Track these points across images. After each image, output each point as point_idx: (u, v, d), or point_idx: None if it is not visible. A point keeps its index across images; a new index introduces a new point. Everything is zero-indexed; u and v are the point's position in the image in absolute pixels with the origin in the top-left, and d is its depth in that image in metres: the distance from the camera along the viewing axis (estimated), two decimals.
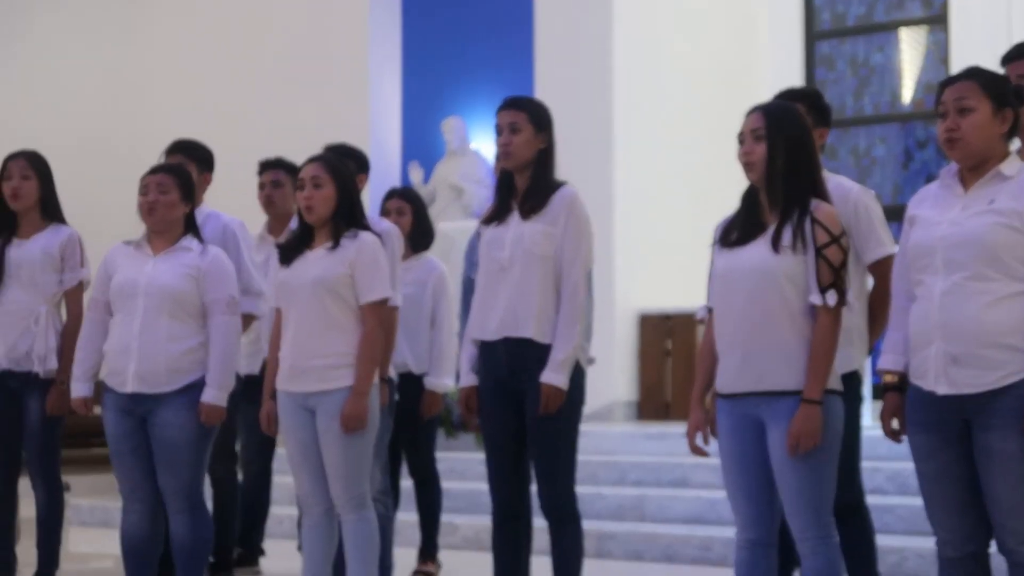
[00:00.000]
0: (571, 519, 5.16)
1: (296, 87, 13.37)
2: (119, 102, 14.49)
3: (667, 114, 11.62)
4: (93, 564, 8.21)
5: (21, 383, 6.04)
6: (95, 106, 14.61)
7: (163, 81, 14.33)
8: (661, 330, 11.30)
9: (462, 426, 9.31)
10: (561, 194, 5.17)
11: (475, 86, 12.76)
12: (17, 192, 6.10)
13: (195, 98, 13.93)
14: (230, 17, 13.88)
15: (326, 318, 5.26)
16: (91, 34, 14.90)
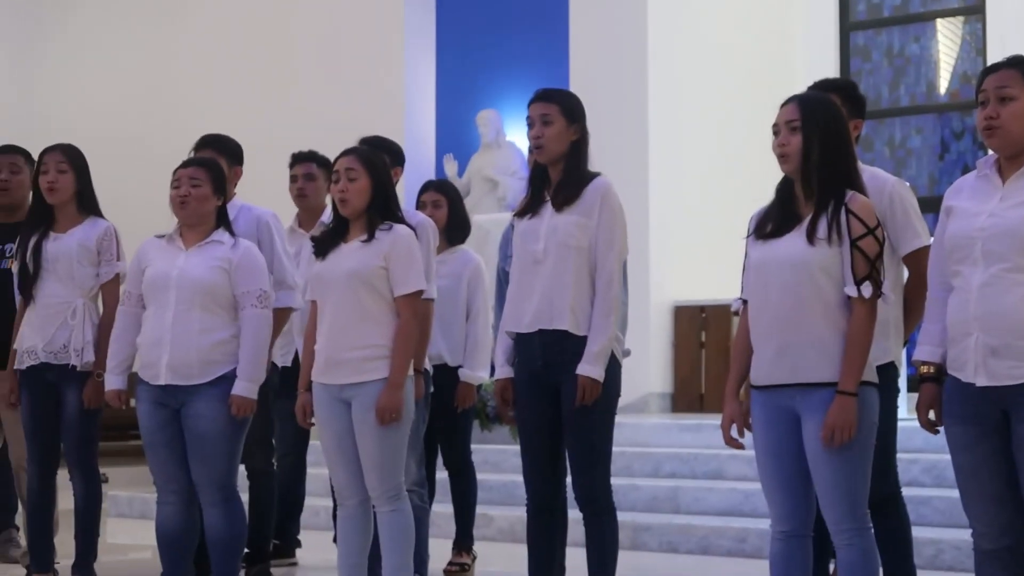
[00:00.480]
0: (606, 511, 5.16)
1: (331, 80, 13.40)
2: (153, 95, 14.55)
3: (702, 105, 11.59)
4: (131, 555, 8.26)
5: (58, 376, 6.08)
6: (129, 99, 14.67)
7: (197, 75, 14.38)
8: (696, 322, 11.29)
9: (497, 418, 9.32)
10: (595, 185, 5.16)
11: (510, 78, 12.75)
12: (53, 185, 6.12)
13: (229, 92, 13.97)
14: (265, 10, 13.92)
15: (361, 310, 5.28)
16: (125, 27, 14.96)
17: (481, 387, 7.01)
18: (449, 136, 13.27)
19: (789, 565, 4.40)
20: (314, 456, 7.33)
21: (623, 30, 11.47)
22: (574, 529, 5.31)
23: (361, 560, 5.41)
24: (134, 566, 7.60)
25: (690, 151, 11.47)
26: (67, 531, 6.29)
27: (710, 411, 10.73)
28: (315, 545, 7.49)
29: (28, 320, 6.12)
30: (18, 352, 6.14)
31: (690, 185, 11.42)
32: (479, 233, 10.32)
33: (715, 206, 11.32)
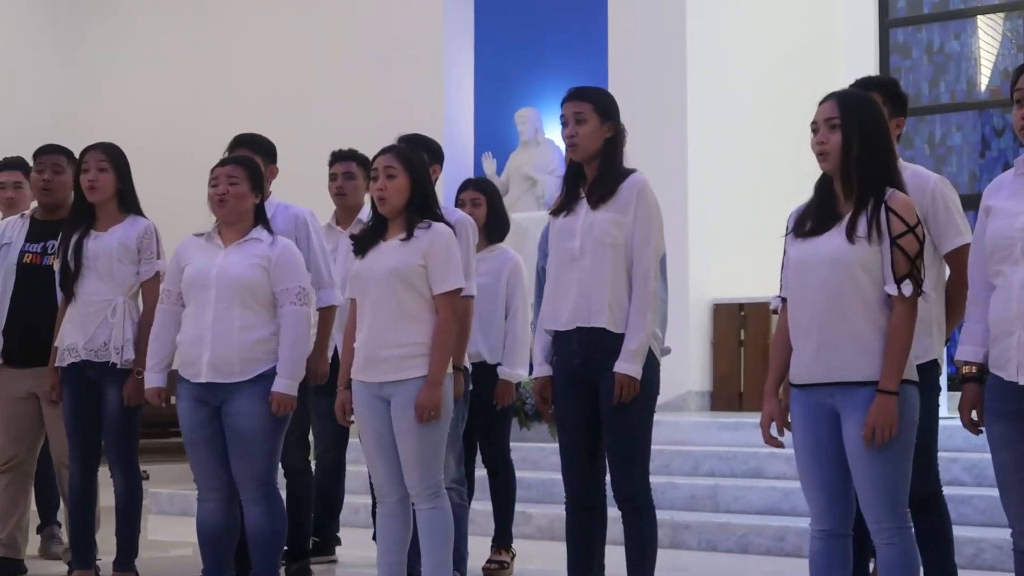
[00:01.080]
0: (645, 509, 5.16)
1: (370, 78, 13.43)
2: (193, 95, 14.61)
3: (741, 102, 11.56)
4: (172, 552, 8.31)
5: (99, 373, 6.11)
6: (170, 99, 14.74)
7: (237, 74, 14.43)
8: (735, 320, 11.26)
9: (536, 416, 9.32)
10: (630, 182, 5.15)
11: (548, 76, 12.75)
12: (94, 184, 6.16)
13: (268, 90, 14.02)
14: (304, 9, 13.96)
15: (400, 308, 5.29)
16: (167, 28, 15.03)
17: (520, 385, 7.01)
18: (488, 134, 13.28)
19: (829, 564, 4.39)
20: (353, 454, 7.35)
21: (662, 27, 11.45)
22: (613, 527, 5.31)
23: (400, 558, 5.42)
24: (175, 563, 7.64)
25: (729, 148, 11.43)
26: (109, 528, 6.32)
27: (749, 409, 10.71)
28: (355, 542, 7.51)
29: (69, 318, 6.15)
30: (59, 349, 6.18)
31: (729, 182, 11.39)
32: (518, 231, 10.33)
33: (754, 203, 11.28)
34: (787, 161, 10.93)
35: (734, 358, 11.23)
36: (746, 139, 11.52)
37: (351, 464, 7.44)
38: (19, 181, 7.47)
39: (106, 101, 14.93)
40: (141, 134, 12.89)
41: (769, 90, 11.71)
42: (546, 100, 12.61)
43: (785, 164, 11.01)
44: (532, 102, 12.91)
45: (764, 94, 11.68)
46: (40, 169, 6.71)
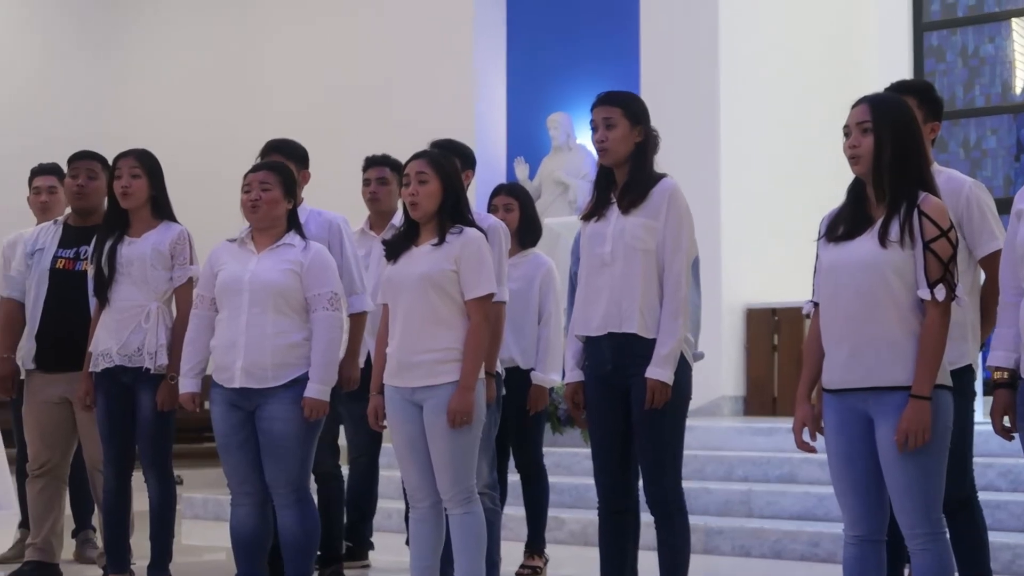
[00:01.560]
0: (678, 514, 5.14)
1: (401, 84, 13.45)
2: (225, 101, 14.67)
3: (774, 106, 11.54)
4: (206, 556, 8.34)
5: (133, 378, 6.13)
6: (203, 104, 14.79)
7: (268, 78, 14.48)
8: (768, 324, 11.23)
9: (568, 421, 9.31)
10: (661, 187, 5.14)
11: (580, 81, 12.75)
12: (127, 190, 6.18)
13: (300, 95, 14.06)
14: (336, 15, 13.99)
15: (432, 314, 5.29)
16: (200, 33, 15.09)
17: (553, 390, 7.00)
18: (520, 139, 13.28)
19: (863, 570, 4.37)
20: (386, 459, 7.36)
21: (694, 31, 11.44)
22: (646, 532, 5.30)
23: (433, 562, 5.42)
24: (209, 567, 7.66)
25: (761, 152, 11.41)
26: (143, 532, 6.34)
27: (783, 414, 10.68)
28: (388, 547, 7.52)
29: (103, 323, 6.18)
30: (93, 355, 6.20)
31: (761, 186, 11.37)
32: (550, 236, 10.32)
33: (787, 207, 11.26)
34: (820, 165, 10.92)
35: (767, 363, 11.20)
36: (778, 143, 11.49)
37: (384, 469, 7.45)
38: (53, 186, 7.51)
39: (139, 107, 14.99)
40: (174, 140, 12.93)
41: (802, 94, 11.68)
42: (578, 105, 12.59)
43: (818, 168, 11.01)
44: (564, 107, 12.91)
45: (797, 98, 11.66)
46: (74, 175, 6.74)
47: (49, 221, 6.93)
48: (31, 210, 7.67)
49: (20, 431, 7.09)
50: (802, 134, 11.52)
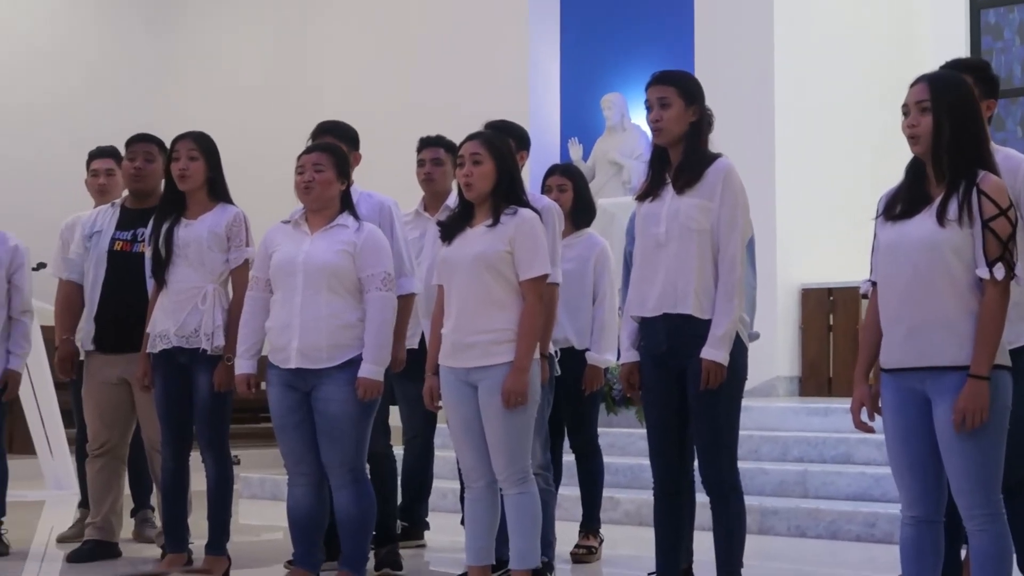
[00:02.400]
0: (733, 494, 5.13)
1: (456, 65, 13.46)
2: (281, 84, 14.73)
3: (829, 85, 11.46)
4: (263, 536, 8.40)
5: (190, 359, 6.17)
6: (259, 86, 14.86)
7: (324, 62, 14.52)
8: (823, 305, 11.19)
9: (623, 401, 9.31)
10: (716, 167, 5.11)
11: (634, 61, 12.71)
12: (185, 173, 6.21)
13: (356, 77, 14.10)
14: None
15: (487, 295, 5.30)
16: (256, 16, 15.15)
17: (608, 370, 7.00)
18: (574, 120, 13.27)
19: (920, 551, 4.35)
20: (441, 439, 7.38)
21: (748, 10, 11.37)
22: (701, 513, 5.29)
23: (489, 542, 5.44)
24: (265, 547, 7.71)
25: (817, 132, 11.34)
26: (201, 512, 6.39)
27: (838, 395, 10.64)
28: (443, 527, 7.55)
29: (160, 305, 6.22)
30: (151, 336, 6.25)
31: (817, 166, 11.31)
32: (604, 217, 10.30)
33: (842, 187, 11.20)
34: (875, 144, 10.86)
35: (823, 343, 11.16)
36: (834, 122, 11.43)
37: (439, 449, 7.47)
38: (111, 169, 7.57)
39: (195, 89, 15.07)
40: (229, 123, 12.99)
41: (857, 73, 11.61)
42: (632, 85, 12.57)
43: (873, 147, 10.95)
44: (618, 87, 12.88)
45: (852, 77, 11.58)
46: (132, 157, 6.79)
47: (106, 204, 6.98)
48: (89, 193, 7.73)
49: (80, 412, 7.16)
50: (858, 112, 11.44)
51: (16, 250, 7.04)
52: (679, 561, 5.30)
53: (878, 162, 10.84)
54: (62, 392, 9.13)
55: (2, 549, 6.91)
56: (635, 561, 6.59)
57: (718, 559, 5.14)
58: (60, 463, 9.96)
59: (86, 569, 6.53)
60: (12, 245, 7.04)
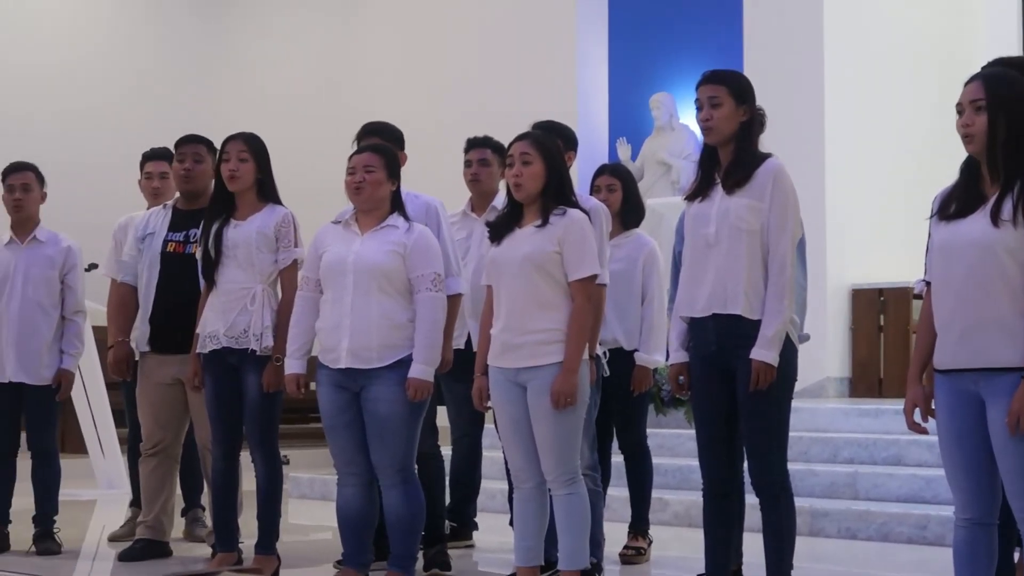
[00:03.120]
0: (783, 496, 5.11)
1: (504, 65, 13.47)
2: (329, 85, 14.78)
3: (879, 84, 11.40)
4: (312, 536, 8.43)
5: (239, 360, 6.19)
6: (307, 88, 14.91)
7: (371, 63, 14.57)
8: (874, 305, 11.12)
9: (672, 402, 9.29)
10: (766, 167, 5.09)
11: (683, 60, 12.68)
12: (234, 174, 6.23)
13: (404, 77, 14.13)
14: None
15: (536, 295, 5.30)
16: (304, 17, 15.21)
17: (656, 371, 6.99)
18: (622, 120, 13.25)
19: (973, 553, 4.31)
20: (490, 439, 7.39)
21: (798, 9, 11.32)
22: (751, 514, 5.27)
23: (537, 543, 5.44)
24: (315, 546, 7.73)
25: (867, 131, 11.28)
26: (251, 511, 6.42)
27: (889, 396, 10.58)
28: (492, 528, 7.55)
29: (210, 305, 6.25)
30: (200, 336, 6.28)
31: (867, 166, 11.25)
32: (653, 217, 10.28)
33: (893, 187, 11.14)
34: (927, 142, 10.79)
35: (874, 344, 11.09)
36: (885, 120, 11.36)
37: (487, 449, 7.48)
38: (165, 171, 7.60)
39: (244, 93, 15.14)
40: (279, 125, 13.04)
41: (908, 71, 11.54)
42: (681, 85, 12.54)
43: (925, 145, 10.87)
44: (667, 87, 12.84)
45: (903, 75, 11.51)
46: (181, 159, 6.83)
47: (159, 206, 7.02)
48: (143, 195, 7.78)
49: (132, 412, 7.21)
50: (909, 111, 11.38)
51: (69, 251, 7.10)
52: (728, 563, 5.28)
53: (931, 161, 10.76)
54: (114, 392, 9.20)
55: (54, 548, 6.96)
56: (684, 562, 6.57)
57: (768, 561, 5.12)
58: (112, 463, 10.04)
59: (137, 568, 6.57)
60: (65, 246, 7.10)
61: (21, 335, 6.93)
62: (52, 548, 6.94)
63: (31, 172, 7.11)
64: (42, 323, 6.98)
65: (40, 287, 6.99)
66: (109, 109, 14.40)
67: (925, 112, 11.09)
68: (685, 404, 8.90)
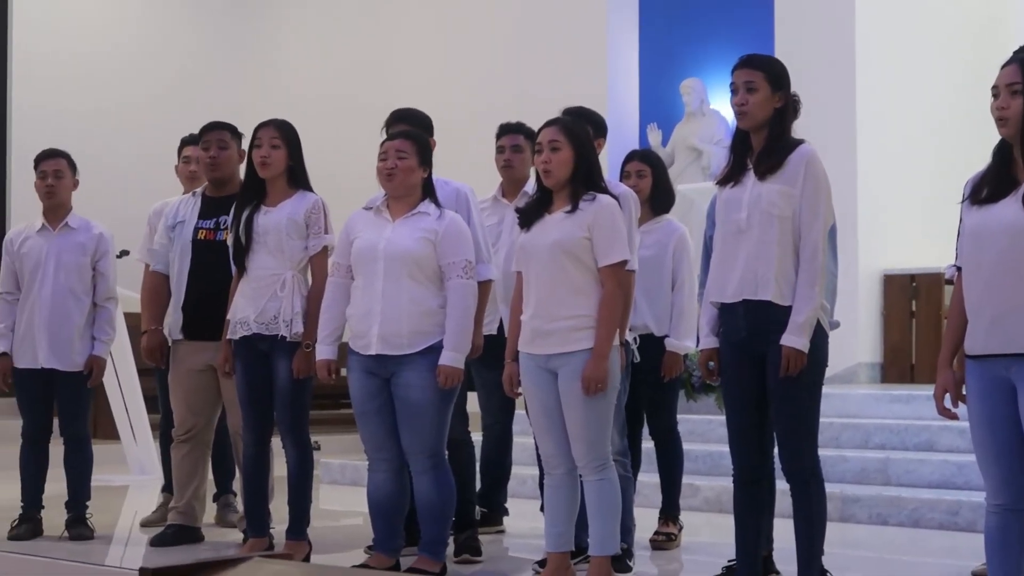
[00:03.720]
0: (814, 482, 5.10)
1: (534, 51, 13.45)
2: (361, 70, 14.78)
3: (911, 68, 11.34)
4: (343, 521, 8.45)
5: (269, 346, 6.21)
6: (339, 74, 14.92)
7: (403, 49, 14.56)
8: (906, 291, 11.08)
9: (703, 388, 9.28)
10: (798, 153, 5.07)
11: (713, 46, 12.64)
12: (266, 160, 6.24)
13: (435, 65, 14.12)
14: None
15: (566, 281, 5.29)
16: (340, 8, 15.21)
17: (687, 356, 6.98)
18: (653, 106, 13.22)
19: (1005, 539, 4.30)
20: (520, 425, 7.39)
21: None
22: (781, 500, 5.26)
23: (568, 529, 5.44)
24: (346, 532, 7.75)
25: (899, 116, 11.23)
26: (282, 497, 6.44)
27: (921, 382, 10.54)
28: (522, 513, 7.55)
29: (241, 291, 6.27)
30: (231, 322, 6.29)
31: (899, 151, 11.19)
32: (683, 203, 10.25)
33: (925, 172, 11.09)
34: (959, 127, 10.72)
35: (905, 329, 11.06)
36: (916, 105, 11.30)
37: (518, 435, 7.48)
38: None
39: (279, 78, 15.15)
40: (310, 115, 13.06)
41: (940, 56, 11.47)
42: (711, 70, 12.51)
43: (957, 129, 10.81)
44: (697, 73, 12.81)
45: (935, 60, 11.45)
46: (206, 147, 6.84)
47: (188, 195, 7.03)
48: (179, 179, 7.80)
49: (164, 398, 7.23)
50: (940, 94, 11.32)
51: (101, 238, 7.12)
52: (759, 549, 5.27)
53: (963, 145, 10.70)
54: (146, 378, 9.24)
55: (87, 533, 6.99)
56: (714, 548, 6.56)
57: (798, 547, 5.11)
58: (143, 448, 10.08)
59: (169, 553, 6.59)
60: (97, 233, 7.12)
61: (53, 322, 6.97)
62: (85, 533, 6.98)
63: (63, 159, 7.13)
64: (74, 310, 7.01)
65: (72, 274, 7.02)
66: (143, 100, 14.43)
67: (958, 96, 11.03)
68: (716, 390, 8.89)
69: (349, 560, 6.27)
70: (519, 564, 6.49)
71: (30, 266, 7.02)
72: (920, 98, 11.33)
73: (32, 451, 7.07)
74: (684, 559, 6.80)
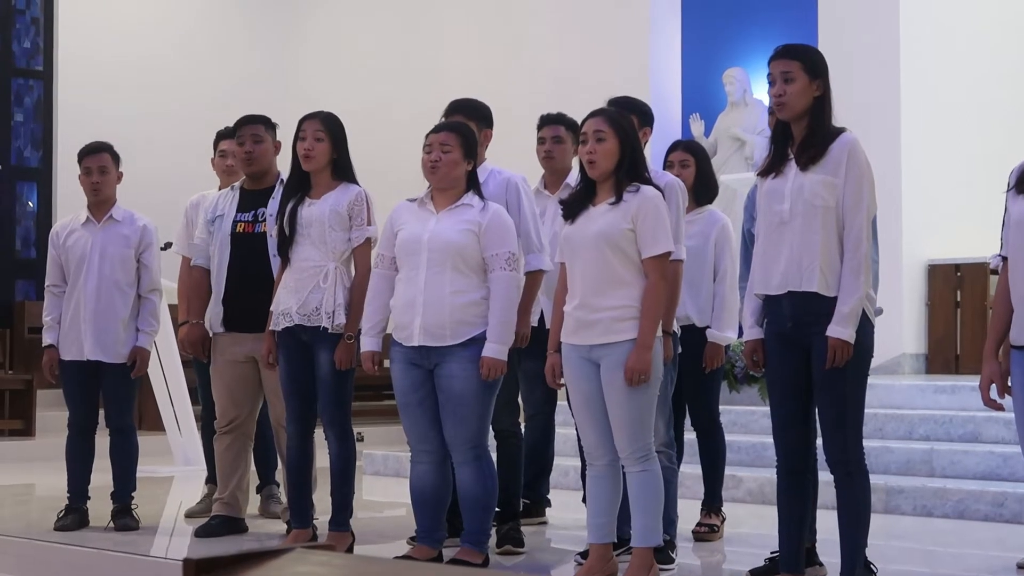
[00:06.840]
0: (858, 473, 5.07)
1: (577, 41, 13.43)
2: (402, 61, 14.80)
3: (956, 56, 11.27)
4: (386, 512, 8.47)
5: (312, 337, 6.22)
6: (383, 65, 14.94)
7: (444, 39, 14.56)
8: (951, 281, 11.02)
9: (746, 379, 9.25)
10: (840, 142, 5.04)
11: (756, 35, 12.58)
12: (309, 153, 6.25)
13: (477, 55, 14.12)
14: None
15: (610, 272, 5.29)
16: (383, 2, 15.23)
17: (729, 347, 6.95)
18: (695, 95, 13.18)
19: None
20: (563, 416, 7.39)
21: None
22: (825, 491, 5.24)
23: (610, 520, 5.44)
24: (389, 523, 7.77)
25: (944, 104, 11.16)
26: (325, 488, 6.46)
27: (966, 372, 10.48)
28: (565, 504, 7.55)
29: (284, 283, 6.28)
30: (274, 314, 6.31)
31: (944, 140, 11.12)
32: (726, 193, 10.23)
33: (970, 160, 11.01)
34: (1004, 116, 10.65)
35: (950, 320, 11.00)
36: (961, 94, 11.24)
37: (560, 427, 7.48)
38: None
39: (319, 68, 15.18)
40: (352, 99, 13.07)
41: (985, 44, 11.39)
42: (754, 60, 12.45)
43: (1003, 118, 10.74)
44: (740, 62, 12.76)
45: (980, 48, 11.37)
46: (241, 141, 6.84)
47: (227, 188, 7.05)
48: (215, 173, 7.82)
49: (207, 390, 7.26)
50: (986, 84, 11.24)
51: (145, 230, 7.15)
52: (802, 540, 5.25)
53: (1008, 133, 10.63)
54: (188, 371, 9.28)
55: (132, 524, 7.03)
56: (758, 540, 6.54)
57: (842, 538, 5.09)
58: (188, 440, 10.13)
59: (213, 544, 6.63)
60: (141, 225, 7.15)
61: (98, 313, 7.00)
62: (130, 524, 7.02)
63: (107, 153, 7.16)
64: (118, 301, 7.05)
65: (116, 266, 7.06)
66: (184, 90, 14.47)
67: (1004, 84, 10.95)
68: (759, 381, 8.87)
69: (392, 551, 6.29)
70: (561, 555, 6.50)
71: (75, 259, 7.06)
72: (966, 86, 11.26)
73: (78, 442, 7.12)
74: (727, 551, 6.79)
